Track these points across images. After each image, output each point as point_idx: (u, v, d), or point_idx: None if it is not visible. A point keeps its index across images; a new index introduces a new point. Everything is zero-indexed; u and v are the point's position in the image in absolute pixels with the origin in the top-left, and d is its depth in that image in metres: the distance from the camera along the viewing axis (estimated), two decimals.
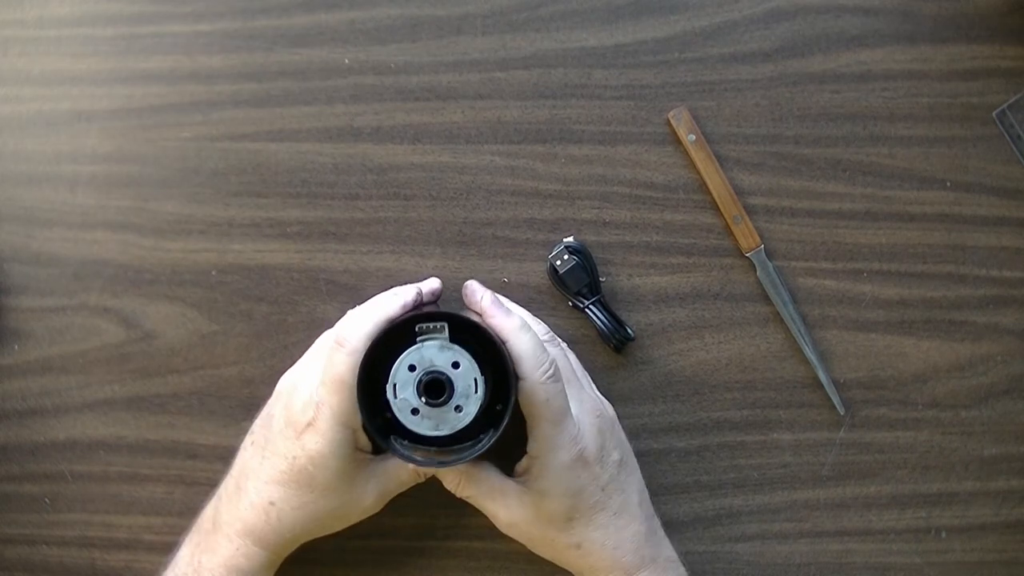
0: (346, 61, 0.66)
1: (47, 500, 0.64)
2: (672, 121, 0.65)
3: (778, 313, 0.64)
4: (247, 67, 0.66)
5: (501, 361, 0.50)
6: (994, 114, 0.65)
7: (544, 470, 0.53)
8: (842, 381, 0.64)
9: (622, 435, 0.58)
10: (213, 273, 0.65)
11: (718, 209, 0.65)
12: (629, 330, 0.63)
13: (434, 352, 0.48)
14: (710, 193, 0.65)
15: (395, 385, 0.48)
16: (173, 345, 0.65)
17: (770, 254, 0.65)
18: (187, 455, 0.64)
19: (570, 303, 0.64)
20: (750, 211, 0.65)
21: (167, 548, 0.60)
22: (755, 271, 0.64)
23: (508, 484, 0.55)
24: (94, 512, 0.64)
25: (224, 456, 0.62)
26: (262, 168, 0.65)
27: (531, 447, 0.53)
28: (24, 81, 0.66)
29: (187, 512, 0.61)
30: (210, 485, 0.61)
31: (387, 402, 0.48)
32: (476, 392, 0.48)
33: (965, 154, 0.65)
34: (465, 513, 0.61)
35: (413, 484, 0.57)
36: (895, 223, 0.65)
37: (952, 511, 0.64)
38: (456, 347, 0.48)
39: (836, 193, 0.65)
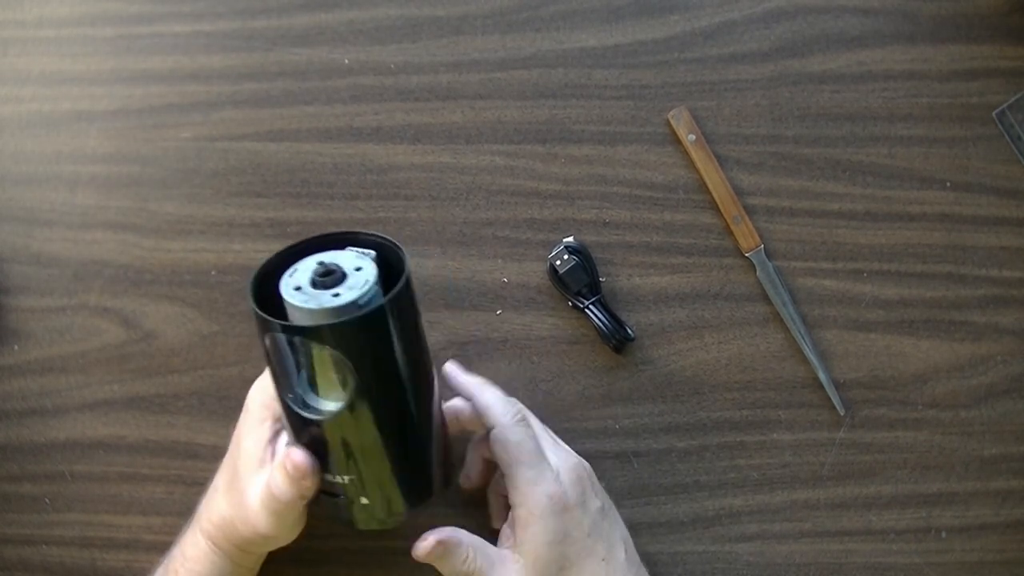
0: (346, 61, 0.66)
1: (47, 500, 0.64)
2: (672, 121, 0.65)
3: (778, 313, 0.64)
4: (247, 67, 0.66)
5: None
6: (994, 114, 0.65)
7: (529, 517, 0.53)
8: (842, 381, 0.64)
9: (601, 488, 0.58)
10: (213, 273, 0.65)
11: (718, 209, 0.65)
12: (629, 330, 0.63)
13: (348, 257, 0.49)
14: (710, 193, 0.65)
15: (296, 270, 0.49)
16: (173, 345, 0.65)
17: (770, 254, 0.65)
18: (187, 455, 0.64)
19: (570, 303, 0.64)
20: (750, 211, 0.65)
21: (167, 548, 0.60)
22: (755, 271, 0.64)
23: (504, 552, 0.54)
24: (94, 512, 0.64)
25: (224, 456, 0.62)
26: (262, 168, 0.65)
27: (512, 497, 0.53)
28: (24, 81, 0.66)
29: (187, 512, 0.61)
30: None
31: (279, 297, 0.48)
32: (363, 288, 0.47)
33: (965, 154, 0.65)
34: (465, 514, 0.61)
35: (295, 497, 0.51)
36: (895, 223, 0.65)
37: (952, 511, 0.64)
38: (369, 259, 0.49)
39: (836, 193, 0.65)
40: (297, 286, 0.47)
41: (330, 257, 0.49)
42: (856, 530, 0.64)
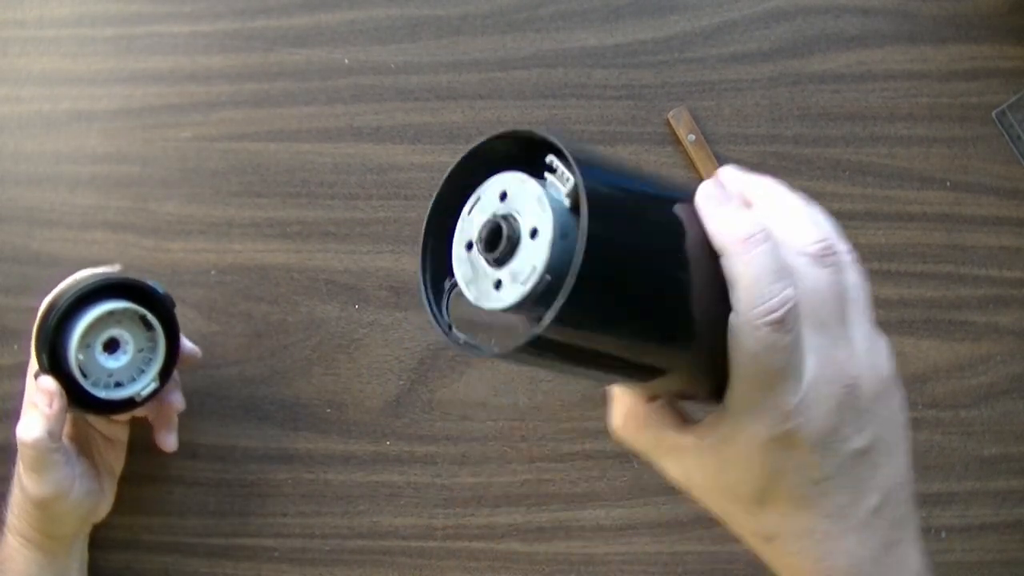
0: (346, 61, 0.66)
1: None
2: (672, 121, 0.65)
3: None
4: (247, 67, 0.66)
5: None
6: (994, 114, 0.65)
7: (734, 434, 0.37)
8: None
9: (890, 411, 0.40)
10: (213, 273, 0.65)
11: None
12: None
13: (533, 199, 0.33)
14: None
15: (479, 198, 0.36)
16: None
17: None
18: (187, 455, 0.64)
19: None
20: None
21: (167, 548, 0.60)
22: None
23: (686, 439, 0.39)
24: None
25: (224, 456, 0.62)
26: (262, 168, 0.65)
27: (727, 398, 0.36)
28: (24, 81, 0.66)
29: (187, 512, 0.61)
30: (210, 485, 0.61)
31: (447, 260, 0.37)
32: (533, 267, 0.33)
33: (965, 154, 0.65)
34: (465, 513, 0.61)
35: (43, 433, 0.53)
36: (895, 223, 0.65)
37: (952, 511, 0.64)
38: (570, 213, 0.33)
39: (836, 193, 0.65)
40: (469, 242, 0.36)
41: (518, 189, 0.34)
42: None
